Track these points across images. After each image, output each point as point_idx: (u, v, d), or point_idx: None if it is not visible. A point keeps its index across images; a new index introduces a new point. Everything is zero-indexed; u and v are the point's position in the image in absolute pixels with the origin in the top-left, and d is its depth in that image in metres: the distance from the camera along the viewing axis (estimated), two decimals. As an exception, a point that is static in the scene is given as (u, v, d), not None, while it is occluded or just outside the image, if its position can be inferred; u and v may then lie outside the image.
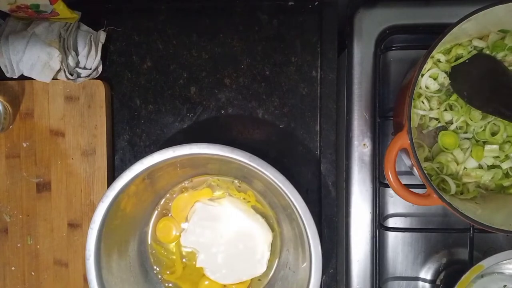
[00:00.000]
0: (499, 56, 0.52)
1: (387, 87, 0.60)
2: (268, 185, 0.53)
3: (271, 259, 0.59)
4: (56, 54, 0.57)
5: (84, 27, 0.59)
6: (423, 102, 0.54)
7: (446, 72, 0.54)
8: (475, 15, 0.44)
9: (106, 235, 0.50)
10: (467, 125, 0.54)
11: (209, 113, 0.62)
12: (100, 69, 0.60)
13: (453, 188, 0.53)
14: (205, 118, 0.62)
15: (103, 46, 0.60)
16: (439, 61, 0.54)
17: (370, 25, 0.58)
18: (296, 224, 0.51)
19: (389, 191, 0.60)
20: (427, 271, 0.60)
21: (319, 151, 0.61)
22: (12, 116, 0.60)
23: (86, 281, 0.52)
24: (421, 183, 0.54)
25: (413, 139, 0.46)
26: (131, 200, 0.53)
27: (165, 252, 0.60)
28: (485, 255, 0.53)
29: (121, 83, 0.62)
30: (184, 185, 0.60)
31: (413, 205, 0.60)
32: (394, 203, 0.60)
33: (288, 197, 0.48)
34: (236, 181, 0.60)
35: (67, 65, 0.58)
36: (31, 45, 0.57)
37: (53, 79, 0.58)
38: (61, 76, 0.58)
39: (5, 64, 0.58)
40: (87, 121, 0.60)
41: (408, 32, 0.58)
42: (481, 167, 0.54)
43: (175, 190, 0.60)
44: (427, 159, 0.55)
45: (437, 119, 0.55)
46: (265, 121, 0.61)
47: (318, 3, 0.61)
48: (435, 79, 0.54)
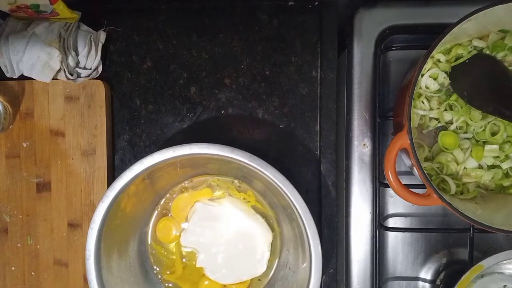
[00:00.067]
0: (499, 56, 0.52)
1: (387, 87, 0.60)
2: (268, 185, 0.53)
3: (271, 259, 0.59)
4: (56, 54, 0.57)
5: (84, 27, 0.59)
6: (423, 102, 0.54)
7: (446, 72, 0.54)
8: (475, 15, 0.44)
9: (106, 235, 0.50)
10: (467, 125, 0.54)
11: (209, 113, 0.62)
12: (100, 69, 0.60)
13: (453, 188, 0.53)
14: (205, 118, 0.62)
15: (103, 46, 0.60)
16: (439, 61, 0.54)
17: (370, 25, 0.58)
18: (296, 224, 0.51)
19: (389, 191, 0.60)
20: (427, 271, 0.60)
21: (319, 151, 0.61)
22: (12, 116, 0.60)
23: (86, 281, 0.52)
24: (421, 183, 0.54)
25: (413, 139, 0.46)
26: (131, 200, 0.53)
27: (165, 252, 0.60)
28: (485, 255, 0.53)
29: (121, 83, 0.62)
30: (184, 185, 0.60)
31: (413, 205, 0.60)
32: (394, 203, 0.60)
33: (288, 197, 0.48)
34: (236, 181, 0.60)
35: (67, 65, 0.58)
36: (31, 45, 0.57)
37: (53, 79, 0.58)
38: (61, 76, 0.58)
39: (5, 64, 0.58)
40: (87, 121, 0.60)
41: (408, 32, 0.58)
42: (481, 167, 0.54)
43: (175, 190, 0.60)
44: (427, 159, 0.55)
45: (437, 119, 0.55)
46: (265, 121, 0.61)
47: (318, 3, 0.61)
48: (435, 79, 0.54)
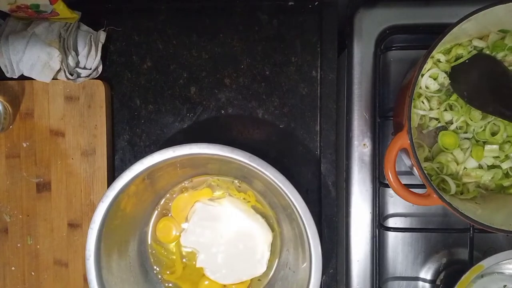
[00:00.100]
0: (499, 56, 0.52)
1: (387, 87, 0.60)
2: (268, 185, 0.53)
3: (271, 259, 0.59)
4: (56, 54, 0.57)
5: (84, 27, 0.59)
6: (423, 102, 0.54)
7: (446, 72, 0.54)
8: (475, 15, 0.44)
9: (106, 235, 0.50)
10: (467, 125, 0.54)
11: (209, 113, 0.62)
12: (100, 69, 0.60)
13: (453, 188, 0.53)
14: (205, 118, 0.62)
15: (103, 46, 0.60)
16: (439, 61, 0.54)
17: (370, 25, 0.58)
18: (296, 224, 0.51)
19: (389, 191, 0.60)
20: (427, 271, 0.60)
21: (319, 151, 0.61)
22: (12, 116, 0.60)
23: (86, 281, 0.52)
24: (421, 183, 0.54)
25: (413, 139, 0.46)
26: (131, 200, 0.53)
27: (165, 252, 0.60)
28: (485, 255, 0.53)
29: (121, 83, 0.62)
30: (184, 185, 0.60)
31: (413, 205, 0.60)
32: (394, 203, 0.60)
33: (288, 197, 0.48)
34: (236, 181, 0.60)
35: (67, 65, 0.58)
36: (31, 45, 0.57)
37: (53, 79, 0.58)
38: (61, 76, 0.58)
39: (5, 64, 0.58)
40: (87, 121, 0.60)
41: (408, 32, 0.58)
42: (481, 167, 0.54)
43: (175, 190, 0.60)
44: (427, 159, 0.55)
45: (437, 119, 0.55)
46: (265, 121, 0.61)
47: (318, 3, 0.60)
48: (435, 79, 0.54)
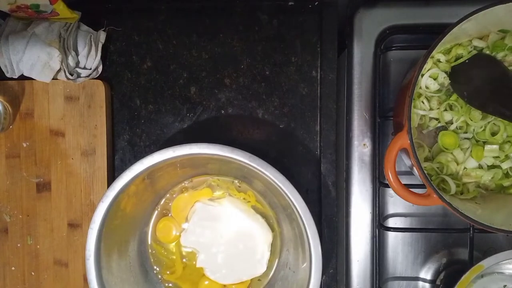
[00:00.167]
0: (499, 56, 0.52)
1: (387, 87, 0.60)
2: (268, 185, 0.53)
3: (271, 259, 0.59)
4: (56, 54, 0.57)
5: (84, 27, 0.59)
6: (423, 102, 0.54)
7: (446, 72, 0.54)
8: (475, 15, 0.44)
9: (106, 235, 0.50)
10: (467, 125, 0.54)
11: (209, 113, 0.62)
12: (100, 69, 0.60)
13: (453, 188, 0.53)
14: (205, 118, 0.62)
15: (103, 46, 0.60)
16: (439, 61, 0.54)
17: (370, 25, 0.58)
18: (296, 224, 0.51)
19: (389, 191, 0.60)
20: (427, 271, 0.60)
21: (319, 151, 0.61)
22: (12, 116, 0.60)
23: (86, 281, 0.52)
24: (421, 183, 0.54)
25: (413, 139, 0.46)
26: (131, 200, 0.53)
27: (165, 252, 0.60)
28: (485, 255, 0.53)
29: (121, 83, 0.62)
30: (184, 185, 0.60)
31: (413, 205, 0.60)
32: (394, 203, 0.60)
33: (288, 197, 0.48)
34: (236, 181, 0.60)
35: (67, 65, 0.58)
36: (31, 45, 0.57)
37: (53, 79, 0.58)
38: (61, 76, 0.58)
39: (5, 64, 0.58)
40: (87, 121, 0.60)
41: (408, 32, 0.58)
42: (481, 167, 0.54)
43: (175, 190, 0.60)
44: (427, 159, 0.55)
45: (437, 119, 0.55)
46: (265, 121, 0.61)
47: (318, 3, 0.60)
48: (435, 79, 0.54)
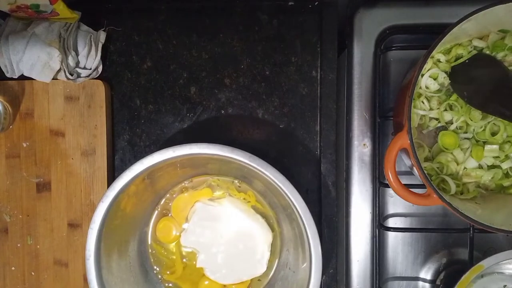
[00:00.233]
0: (499, 56, 0.52)
1: (387, 87, 0.60)
2: (268, 185, 0.53)
3: (271, 259, 0.59)
4: (56, 54, 0.57)
5: (84, 27, 0.59)
6: (423, 102, 0.54)
7: (446, 72, 0.54)
8: (475, 15, 0.44)
9: (106, 235, 0.50)
10: (467, 125, 0.54)
11: (209, 113, 0.62)
12: (100, 69, 0.60)
13: (453, 188, 0.53)
14: (205, 118, 0.62)
15: (103, 46, 0.60)
16: (439, 61, 0.54)
17: (370, 25, 0.58)
18: (296, 224, 0.51)
19: (389, 191, 0.60)
20: (427, 271, 0.60)
21: (319, 151, 0.61)
22: (12, 116, 0.60)
23: (86, 281, 0.52)
24: (421, 183, 0.54)
25: (413, 139, 0.46)
26: (131, 200, 0.53)
27: (165, 252, 0.60)
28: (485, 255, 0.53)
29: (121, 83, 0.62)
30: (184, 185, 0.60)
31: (413, 205, 0.60)
32: (394, 203, 0.60)
33: (288, 197, 0.48)
34: (236, 181, 0.60)
35: (67, 65, 0.58)
36: (31, 45, 0.57)
37: (53, 79, 0.58)
38: (61, 76, 0.58)
39: (5, 64, 0.58)
40: (87, 121, 0.60)
41: (408, 32, 0.58)
42: (481, 167, 0.54)
43: (175, 190, 0.60)
44: (427, 159, 0.55)
45: (437, 119, 0.55)
46: (265, 121, 0.61)
47: (318, 3, 0.60)
48: (435, 79, 0.54)
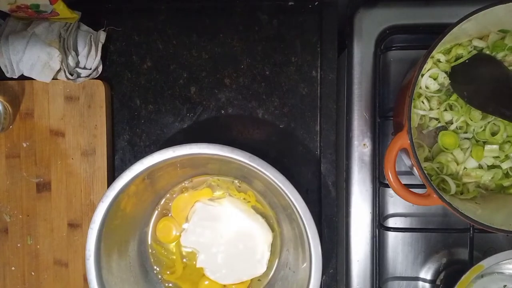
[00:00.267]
0: (499, 56, 0.52)
1: (387, 87, 0.60)
2: (268, 185, 0.53)
3: (271, 259, 0.59)
4: (56, 54, 0.57)
5: (84, 27, 0.59)
6: (423, 102, 0.54)
7: (446, 72, 0.54)
8: (475, 15, 0.44)
9: (106, 235, 0.50)
10: (467, 125, 0.54)
11: (209, 113, 0.62)
12: (100, 69, 0.60)
13: (453, 188, 0.53)
14: (205, 118, 0.62)
15: (103, 46, 0.60)
16: (439, 61, 0.54)
17: (370, 25, 0.58)
18: (296, 224, 0.51)
19: (389, 191, 0.60)
20: (427, 271, 0.60)
21: (319, 151, 0.61)
22: (12, 116, 0.60)
23: (86, 281, 0.52)
24: (421, 183, 0.54)
25: (413, 139, 0.46)
26: (131, 200, 0.53)
27: (165, 252, 0.60)
28: (485, 255, 0.53)
29: (121, 83, 0.62)
30: (184, 185, 0.60)
31: (413, 205, 0.60)
32: (394, 203, 0.60)
33: (288, 197, 0.48)
34: (236, 181, 0.60)
35: (67, 65, 0.58)
36: (31, 45, 0.57)
37: (53, 79, 0.58)
38: (61, 76, 0.58)
39: (5, 64, 0.58)
40: (87, 121, 0.60)
41: (408, 32, 0.58)
42: (481, 167, 0.54)
43: (175, 190, 0.60)
44: (427, 159, 0.55)
45: (437, 119, 0.55)
46: (265, 121, 0.61)
47: (318, 3, 0.60)
48: (435, 79, 0.54)
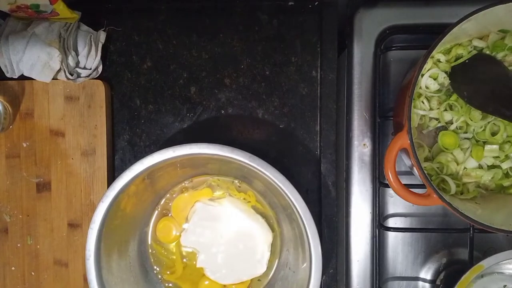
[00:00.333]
0: (499, 56, 0.52)
1: (387, 87, 0.60)
2: (268, 185, 0.53)
3: (271, 259, 0.59)
4: (56, 54, 0.57)
5: (84, 27, 0.59)
6: (423, 102, 0.54)
7: (446, 72, 0.54)
8: (475, 15, 0.44)
9: (106, 235, 0.50)
10: (467, 125, 0.54)
11: (209, 113, 0.62)
12: (100, 69, 0.60)
13: (453, 188, 0.53)
14: (205, 118, 0.62)
15: (103, 46, 0.60)
16: (439, 61, 0.54)
17: (370, 25, 0.58)
18: (296, 224, 0.51)
19: (389, 191, 0.60)
20: (427, 271, 0.60)
21: (319, 151, 0.61)
22: (12, 116, 0.60)
23: (86, 281, 0.52)
24: (421, 183, 0.54)
25: (413, 139, 0.46)
26: (131, 200, 0.53)
27: (165, 252, 0.60)
28: (485, 255, 0.53)
29: (121, 83, 0.62)
30: (184, 185, 0.60)
31: (413, 205, 0.60)
32: (394, 203, 0.60)
33: (288, 197, 0.48)
34: (236, 181, 0.60)
35: (67, 65, 0.58)
36: (31, 45, 0.57)
37: (53, 79, 0.58)
38: (61, 76, 0.58)
39: (5, 64, 0.58)
40: (87, 121, 0.60)
41: (408, 32, 0.58)
42: (481, 167, 0.54)
43: (175, 190, 0.60)
44: (427, 159, 0.55)
45: (437, 119, 0.55)
46: (265, 121, 0.61)
47: (318, 3, 0.60)
48: (435, 79, 0.54)
